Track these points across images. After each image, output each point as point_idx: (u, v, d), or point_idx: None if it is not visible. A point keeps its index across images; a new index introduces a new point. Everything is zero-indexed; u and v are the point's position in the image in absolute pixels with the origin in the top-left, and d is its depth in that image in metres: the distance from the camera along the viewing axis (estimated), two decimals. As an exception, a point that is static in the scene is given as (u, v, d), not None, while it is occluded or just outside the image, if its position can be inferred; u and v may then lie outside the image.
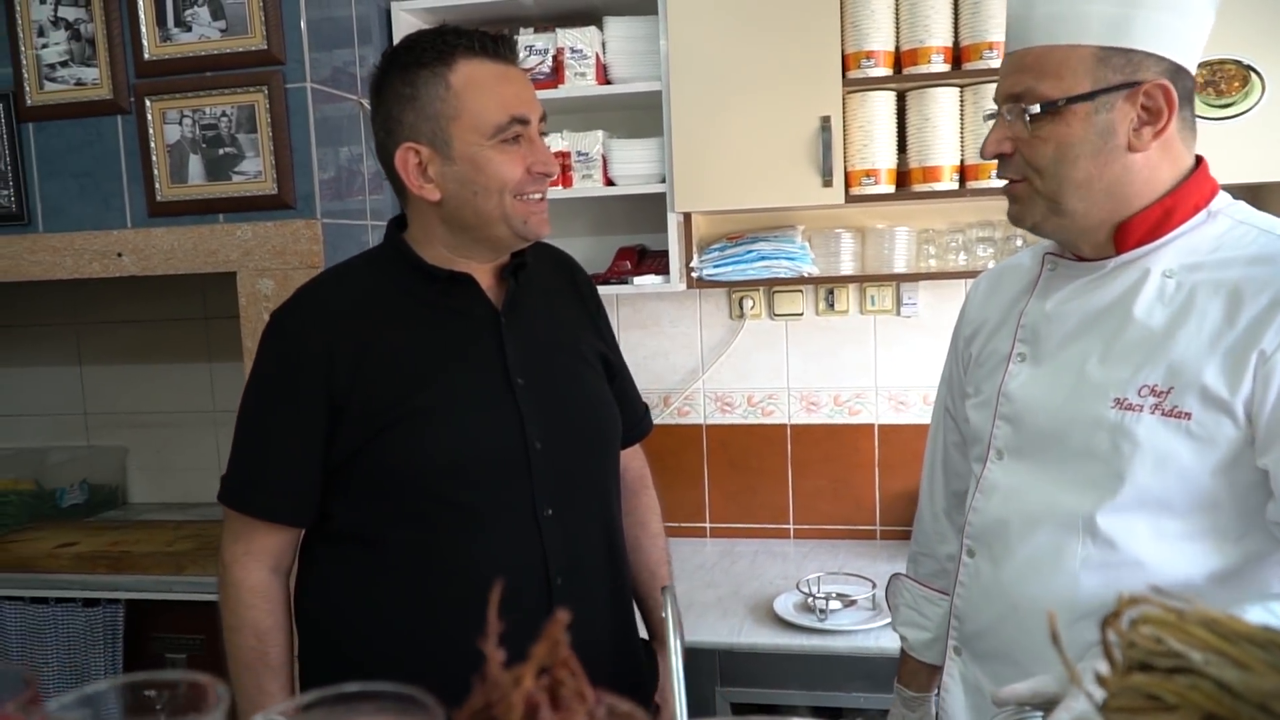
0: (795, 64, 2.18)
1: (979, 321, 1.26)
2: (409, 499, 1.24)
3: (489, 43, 1.25)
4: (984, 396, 1.20)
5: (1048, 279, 1.17)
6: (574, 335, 1.41)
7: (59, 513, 2.64)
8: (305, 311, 1.30)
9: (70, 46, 2.20)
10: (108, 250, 2.20)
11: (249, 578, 1.28)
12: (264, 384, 1.30)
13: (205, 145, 2.15)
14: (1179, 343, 1.02)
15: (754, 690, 1.98)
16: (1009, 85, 1.07)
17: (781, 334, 2.59)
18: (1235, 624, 0.52)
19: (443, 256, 1.30)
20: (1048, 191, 1.06)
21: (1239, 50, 2.00)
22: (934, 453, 1.39)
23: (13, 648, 2.18)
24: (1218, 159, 2.00)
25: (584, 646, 1.41)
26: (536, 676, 0.40)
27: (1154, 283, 1.05)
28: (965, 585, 1.20)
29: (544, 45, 2.36)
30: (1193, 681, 0.51)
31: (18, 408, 2.89)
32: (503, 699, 0.40)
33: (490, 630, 0.44)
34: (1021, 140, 1.06)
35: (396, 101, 1.24)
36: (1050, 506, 1.09)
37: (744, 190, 2.24)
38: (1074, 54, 1.02)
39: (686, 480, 2.66)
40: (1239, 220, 1.07)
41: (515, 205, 1.26)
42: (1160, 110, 1.02)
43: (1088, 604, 1.04)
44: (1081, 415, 1.07)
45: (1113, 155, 1.03)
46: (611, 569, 1.38)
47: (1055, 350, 1.12)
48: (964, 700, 1.20)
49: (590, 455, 1.36)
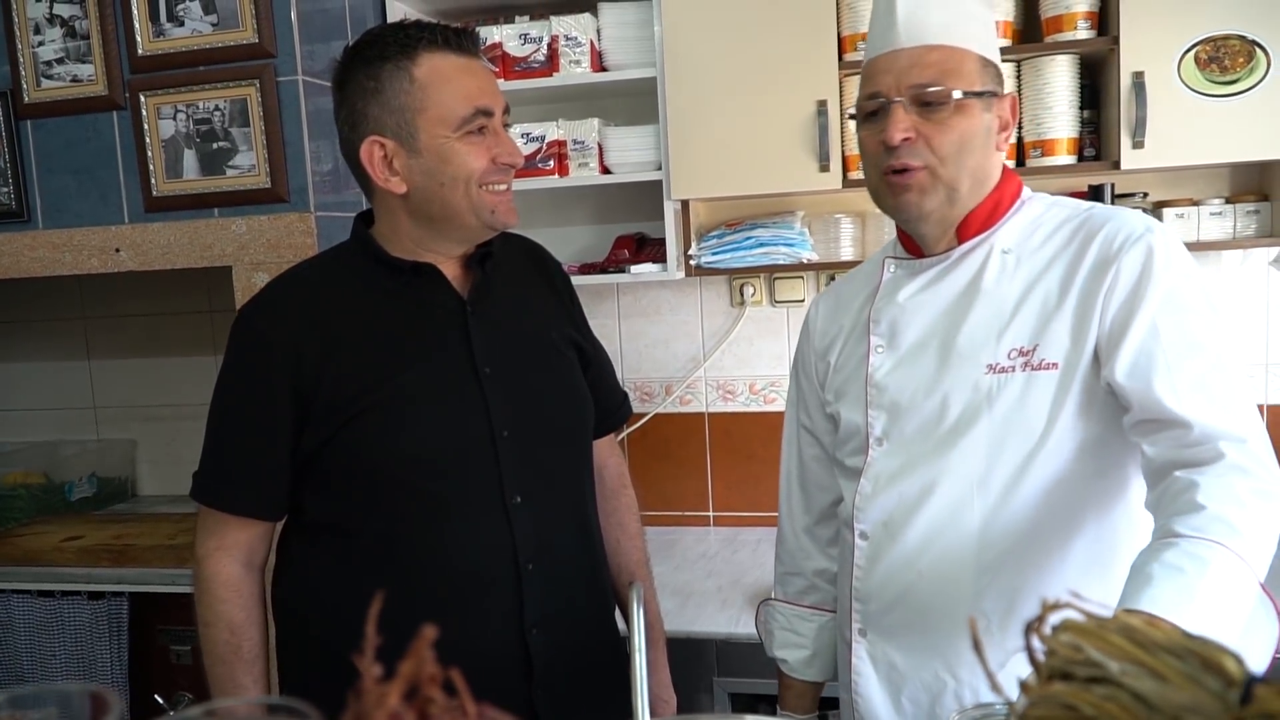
0: (791, 48, 2.15)
1: (832, 333, 1.34)
2: (379, 489, 1.26)
3: (452, 36, 1.26)
4: (852, 395, 1.27)
5: (893, 279, 1.26)
6: (544, 323, 1.41)
7: (69, 506, 2.67)
8: (272, 308, 1.31)
9: (66, 44, 2.21)
10: (106, 246, 2.21)
11: (222, 572, 1.29)
12: (233, 380, 1.31)
13: (199, 140, 2.15)
14: (1032, 305, 1.14)
15: (751, 681, 1.97)
16: (913, 77, 1.14)
17: (783, 320, 2.57)
18: (1154, 633, 0.50)
19: (409, 249, 1.31)
20: (948, 178, 1.15)
21: (1243, 25, 1.94)
22: (789, 472, 1.44)
23: (20, 641, 2.21)
24: (1222, 137, 1.99)
25: (558, 631, 1.42)
26: (407, 696, 0.39)
27: (996, 260, 1.18)
28: (863, 568, 1.23)
29: (538, 33, 2.34)
30: (1110, 692, 0.49)
31: (28, 402, 2.93)
32: (367, 717, 0.39)
33: (368, 645, 0.43)
34: (924, 129, 1.14)
35: (360, 95, 1.25)
36: (940, 474, 1.16)
37: (741, 176, 2.22)
38: (968, 56, 1.15)
39: (689, 469, 2.65)
40: (1049, 204, 1.22)
41: (482, 196, 1.26)
42: (1008, 121, 1.19)
43: (990, 556, 1.14)
44: (958, 386, 1.16)
45: (989, 152, 1.17)
46: (585, 555, 1.39)
47: (916, 336, 1.21)
48: (877, 677, 1.24)
49: (560, 442, 1.36)
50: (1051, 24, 2.11)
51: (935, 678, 1.18)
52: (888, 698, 1.23)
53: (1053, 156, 2.14)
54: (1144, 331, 1.07)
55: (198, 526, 1.33)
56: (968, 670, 1.16)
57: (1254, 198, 2.19)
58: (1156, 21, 1.99)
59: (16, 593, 2.22)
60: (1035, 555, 1.13)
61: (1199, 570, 0.95)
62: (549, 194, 2.49)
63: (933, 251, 1.22)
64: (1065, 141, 2.13)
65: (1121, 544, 1.14)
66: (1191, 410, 1.04)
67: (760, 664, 1.96)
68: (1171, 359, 1.06)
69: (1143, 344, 1.07)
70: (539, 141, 2.35)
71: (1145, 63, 2.00)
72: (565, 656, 1.32)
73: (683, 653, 1.97)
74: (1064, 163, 2.14)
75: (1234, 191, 2.27)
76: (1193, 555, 0.96)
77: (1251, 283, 2.33)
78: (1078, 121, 2.15)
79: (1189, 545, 0.97)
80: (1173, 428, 1.05)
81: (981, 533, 1.14)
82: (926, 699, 1.19)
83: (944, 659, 1.17)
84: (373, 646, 0.42)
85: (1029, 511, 1.13)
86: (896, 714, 1.22)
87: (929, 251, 1.22)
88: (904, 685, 1.21)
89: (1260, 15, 1.94)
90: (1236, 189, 2.28)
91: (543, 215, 2.62)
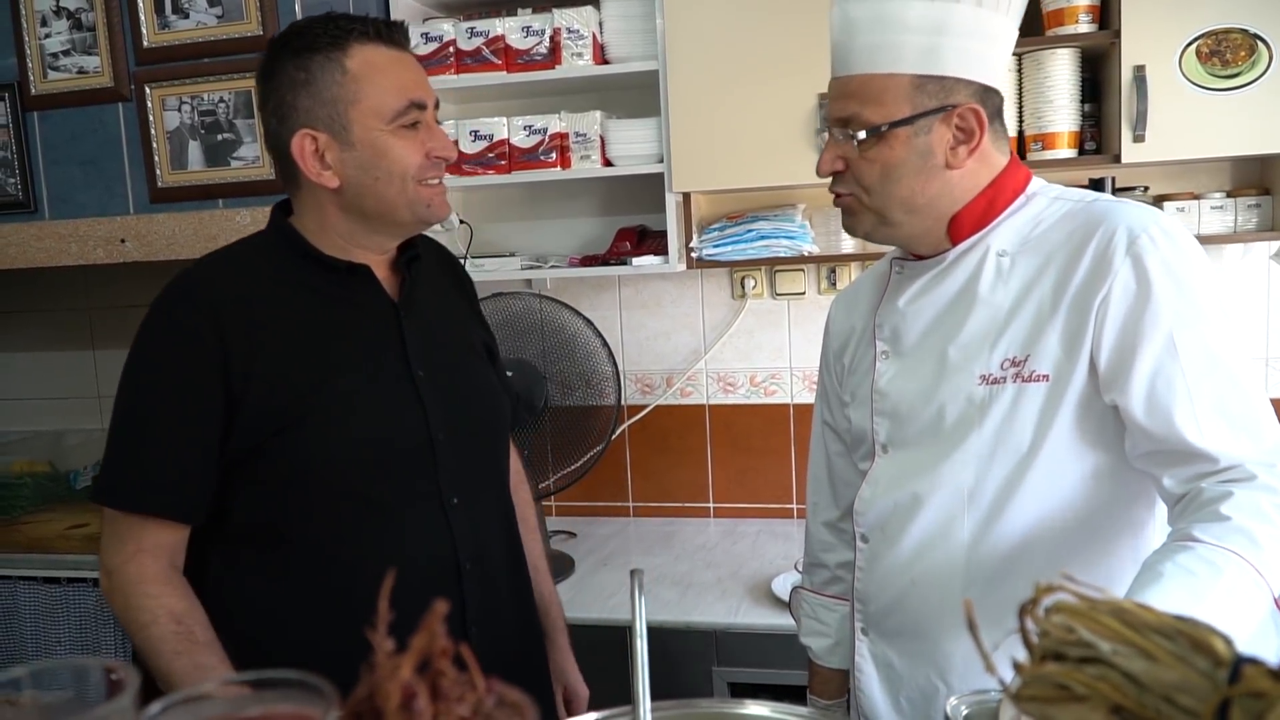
0: (793, 41, 2.16)
1: (845, 334, 1.34)
2: (316, 493, 1.22)
3: (383, 28, 1.24)
4: (860, 399, 1.27)
5: (896, 281, 1.24)
6: (462, 327, 1.42)
7: (73, 495, 2.69)
8: (194, 299, 1.23)
9: (72, 36, 2.23)
10: (111, 237, 2.22)
11: (145, 571, 1.18)
12: (152, 375, 1.22)
13: (204, 131, 2.16)
14: (1026, 313, 1.11)
15: (750, 670, 1.99)
16: (836, 109, 1.14)
17: (784, 313, 2.57)
18: (1145, 614, 0.51)
19: (337, 245, 1.28)
20: (875, 206, 1.15)
21: (1245, 18, 1.95)
22: (818, 466, 1.44)
23: (26, 627, 2.23)
24: (1223, 131, 1.99)
25: (492, 626, 1.40)
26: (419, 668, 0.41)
27: (991, 264, 1.14)
28: (864, 569, 1.24)
29: (541, 25, 2.34)
30: (1101, 672, 0.51)
31: (33, 391, 2.95)
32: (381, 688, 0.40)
33: (380, 619, 0.44)
34: (851, 160, 1.14)
35: (290, 87, 1.22)
36: (934, 485, 1.16)
37: (743, 169, 2.23)
38: (893, 82, 1.09)
39: (690, 461, 2.66)
40: (1054, 197, 1.16)
41: (419, 191, 1.25)
42: (972, 130, 1.11)
43: (978, 570, 1.13)
44: (952, 396, 1.14)
45: (932, 174, 1.12)
46: (512, 551, 1.42)
47: (916, 342, 1.20)
48: (877, 676, 1.25)
49: (487, 443, 1.38)
50: (1053, 17, 2.12)
51: (928, 682, 1.19)
52: (887, 696, 1.24)
53: (1053, 150, 2.14)
54: (1157, 351, 1.03)
55: (105, 536, 1.21)
56: (958, 678, 1.16)
57: (1255, 192, 2.20)
58: (1158, 15, 1.99)
59: (23, 579, 2.25)
60: (1025, 572, 1.11)
61: (1212, 576, 0.93)
62: (551, 186, 2.50)
63: (925, 255, 1.20)
64: (1066, 135, 2.14)
65: (1117, 569, 1.11)
66: (1215, 443, 1.01)
67: (759, 654, 1.98)
68: (1191, 381, 1.02)
69: (1158, 366, 1.03)
70: (541, 134, 2.35)
71: (1146, 56, 2.00)
72: (500, 650, 1.31)
73: (682, 643, 1.99)
74: (1065, 156, 2.15)
75: (1235, 185, 2.28)
76: (1208, 561, 0.94)
77: (1252, 277, 2.34)
78: (1079, 115, 2.15)
79: (1205, 551, 0.95)
80: (1196, 461, 1.02)
81: (971, 546, 1.14)
82: (922, 701, 1.20)
83: (936, 665, 1.18)
84: (385, 622, 0.43)
85: (1019, 527, 1.12)
86: (896, 712, 1.23)
87: (922, 255, 1.21)
88: (902, 686, 1.22)
89: (1262, 9, 1.94)
90: (1237, 183, 2.29)
91: (545, 207, 2.63)
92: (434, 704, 0.41)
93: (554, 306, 2.40)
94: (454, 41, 2.33)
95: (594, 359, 2.39)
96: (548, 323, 2.40)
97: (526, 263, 2.46)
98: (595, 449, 2.39)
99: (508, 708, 0.44)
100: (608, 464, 2.60)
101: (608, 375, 2.38)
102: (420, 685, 0.41)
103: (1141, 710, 0.49)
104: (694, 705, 0.98)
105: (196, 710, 0.49)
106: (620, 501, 2.70)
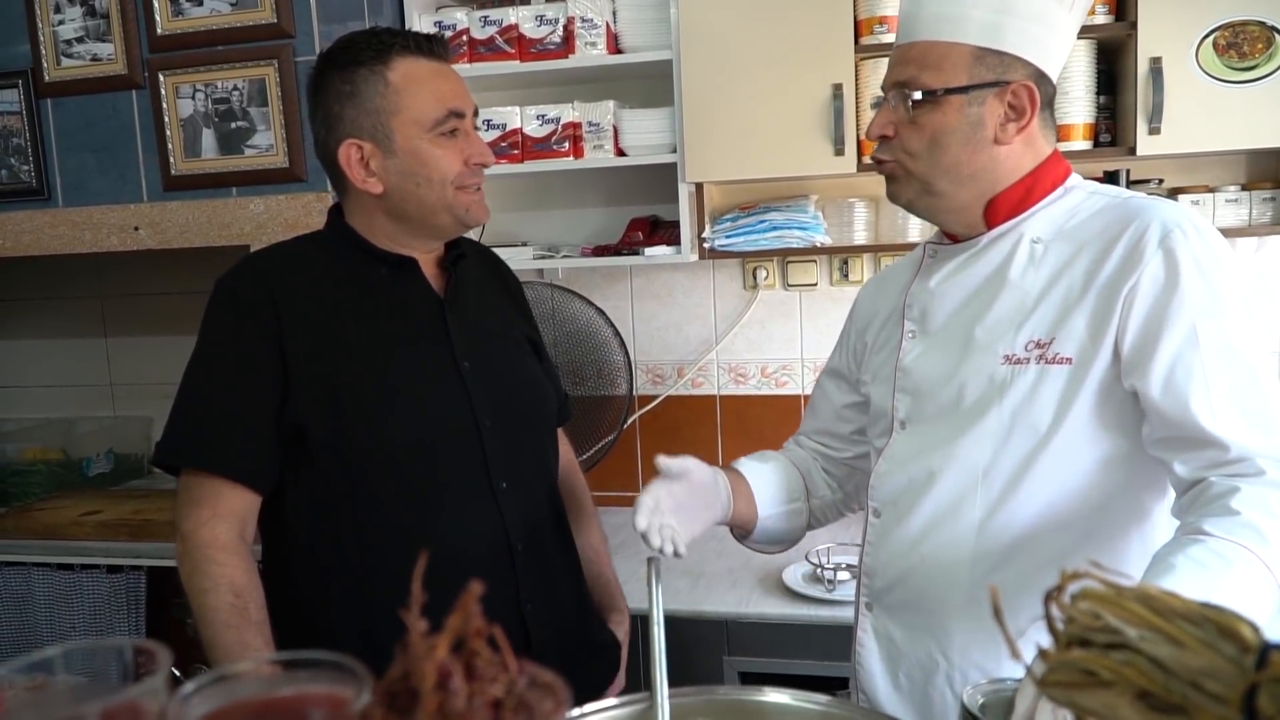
0: (807, 31, 2.15)
1: (870, 314, 1.37)
2: (371, 478, 1.28)
3: (424, 42, 1.31)
4: (882, 378, 1.29)
5: (929, 264, 1.26)
6: (506, 322, 1.48)
7: (86, 481, 2.70)
8: (256, 281, 1.31)
9: (85, 23, 2.23)
10: (125, 224, 2.23)
11: (219, 538, 1.24)
12: (219, 349, 1.30)
13: (218, 119, 2.17)
14: (1054, 297, 1.13)
15: (762, 660, 1.99)
16: (895, 74, 1.17)
17: (795, 304, 2.57)
18: (1171, 600, 0.51)
19: (386, 245, 1.35)
20: (920, 173, 1.17)
21: (1263, 10, 1.94)
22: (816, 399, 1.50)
23: (40, 613, 2.24)
24: (1239, 123, 1.99)
25: (548, 604, 1.44)
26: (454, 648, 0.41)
27: (1025, 249, 1.16)
28: (873, 544, 1.27)
29: (554, 15, 2.34)
30: (1127, 657, 0.51)
31: (46, 379, 2.96)
32: (417, 668, 0.40)
33: (414, 601, 0.45)
34: (901, 126, 1.17)
35: (336, 99, 1.29)
36: (949, 461, 1.17)
37: (755, 160, 2.22)
38: (954, 50, 1.13)
39: (701, 451, 2.63)
40: (1091, 191, 1.19)
41: (457, 195, 1.31)
42: (1024, 109, 1.14)
43: (986, 549, 1.15)
44: (975, 375, 1.16)
45: (980, 146, 1.15)
46: (562, 533, 1.48)
47: (944, 322, 1.22)
48: (878, 651, 1.26)
49: (532, 431, 1.44)
50: (1069, 9, 2.11)
51: (929, 657, 1.20)
52: (886, 671, 1.26)
53: (1069, 142, 2.13)
54: (1179, 339, 1.05)
55: (181, 501, 1.27)
56: (959, 653, 1.18)
57: (1270, 185, 2.19)
58: (1175, 7, 1.98)
59: (37, 565, 2.26)
60: (1032, 555, 1.12)
61: (1222, 568, 0.94)
62: (564, 176, 2.50)
63: (961, 237, 1.22)
64: (1081, 127, 2.13)
65: (1123, 554, 1.13)
66: (1228, 431, 1.02)
67: (770, 643, 1.99)
68: (1209, 371, 1.03)
69: (1179, 353, 1.04)
70: (554, 123, 2.35)
71: (1163, 48, 1.99)
72: (556, 627, 1.38)
73: (693, 632, 1.99)
74: (1080, 148, 2.14)
75: (1250, 178, 2.27)
76: (1218, 554, 0.95)
77: (1267, 270, 2.33)
78: (1094, 107, 2.15)
79: (1216, 544, 0.96)
80: (1208, 448, 1.03)
81: (981, 525, 1.15)
82: (921, 676, 1.22)
83: (937, 640, 1.19)
84: (419, 604, 0.43)
85: (1030, 509, 1.13)
86: (894, 688, 1.25)
87: (957, 238, 1.23)
88: (901, 661, 1.23)
89: (1280, 1, 1.94)
90: (1253, 176, 2.28)
91: (557, 197, 2.63)
92: (468, 684, 0.42)
93: (566, 296, 2.40)
94: (467, 30, 2.33)
95: (606, 349, 2.39)
96: (560, 312, 2.40)
97: (539, 252, 2.47)
98: (607, 439, 2.39)
99: (540, 688, 0.45)
100: (619, 454, 2.60)
101: (619, 365, 2.39)
102: (455, 665, 0.41)
103: (1168, 696, 0.49)
104: (711, 692, 0.99)
105: (230, 690, 0.50)
106: (632, 491, 2.71)
